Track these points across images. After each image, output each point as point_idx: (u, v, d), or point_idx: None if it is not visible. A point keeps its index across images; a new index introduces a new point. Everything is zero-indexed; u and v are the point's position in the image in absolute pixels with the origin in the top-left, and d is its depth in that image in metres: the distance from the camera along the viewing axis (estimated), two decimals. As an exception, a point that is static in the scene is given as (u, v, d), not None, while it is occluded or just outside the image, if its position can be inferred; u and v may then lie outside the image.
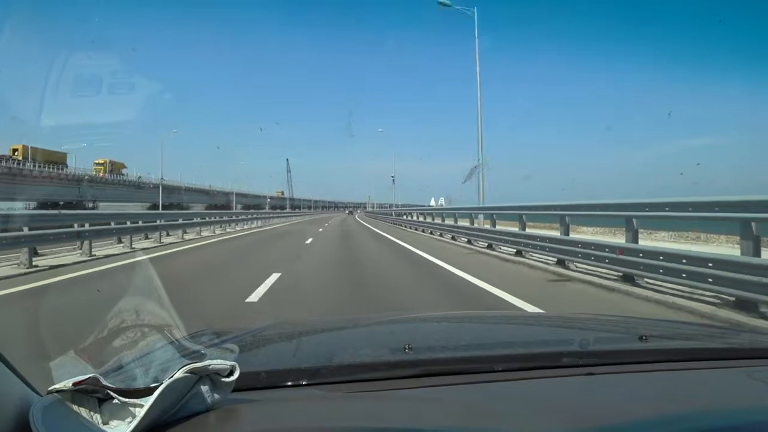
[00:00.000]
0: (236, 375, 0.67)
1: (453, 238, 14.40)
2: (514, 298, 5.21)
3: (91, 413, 0.61)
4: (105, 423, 0.61)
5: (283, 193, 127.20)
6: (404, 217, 28.42)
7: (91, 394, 0.62)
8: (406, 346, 0.96)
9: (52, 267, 8.05)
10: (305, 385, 0.83)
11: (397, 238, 15.98)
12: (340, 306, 5.04)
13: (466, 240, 13.03)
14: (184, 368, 0.63)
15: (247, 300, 5.14)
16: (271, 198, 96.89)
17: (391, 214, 35.50)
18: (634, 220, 6.23)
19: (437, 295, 5.85)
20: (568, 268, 7.35)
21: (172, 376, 0.62)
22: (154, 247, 12.49)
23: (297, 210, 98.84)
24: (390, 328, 1.43)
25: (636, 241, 6.20)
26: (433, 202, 34.42)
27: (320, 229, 22.03)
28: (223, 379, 0.67)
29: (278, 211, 57.21)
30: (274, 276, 6.72)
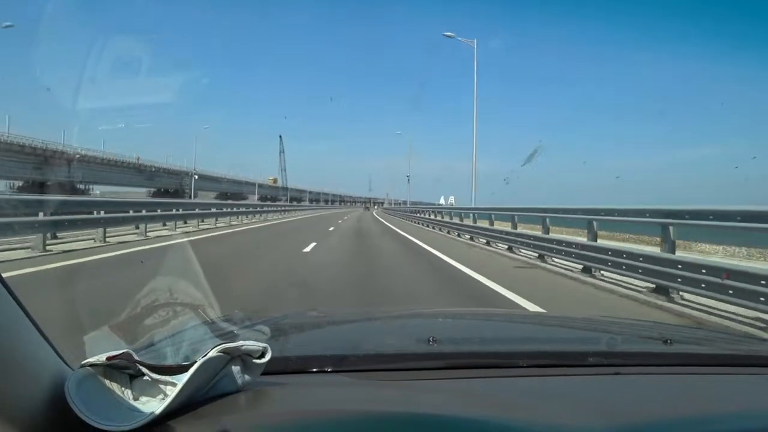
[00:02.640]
0: (268, 357, 0.67)
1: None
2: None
3: (123, 388, 0.61)
4: (135, 399, 0.61)
5: (276, 180, 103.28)
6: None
7: (123, 369, 0.62)
8: (431, 338, 0.97)
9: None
10: (332, 371, 0.84)
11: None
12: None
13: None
14: (217, 348, 0.63)
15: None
16: (260, 186, 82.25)
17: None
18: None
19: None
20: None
21: (205, 355, 0.62)
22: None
23: (298, 203, 76.59)
24: (414, 321, 1.46)
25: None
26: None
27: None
28: (254, 361, 0.67)
29: (267, 204, 41.06)
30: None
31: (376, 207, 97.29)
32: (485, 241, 12.26)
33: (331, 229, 17.61)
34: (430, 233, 17.30)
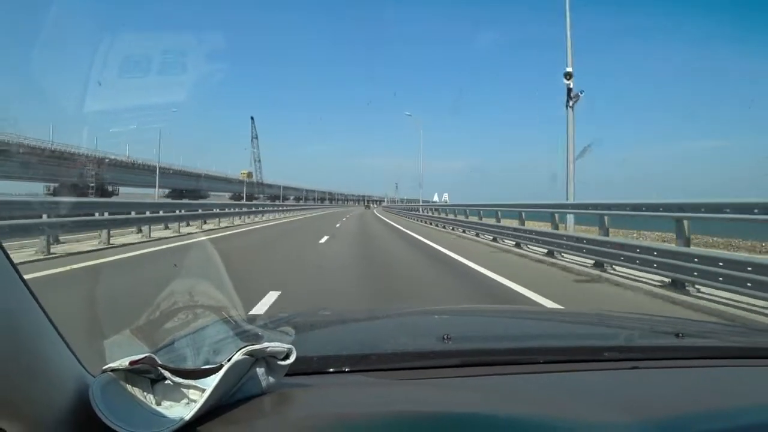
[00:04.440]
0: (292, 359, 0.66)
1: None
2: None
3: (144, 393, 0.60)
4: (158, 404, 0.60)
5: (250, 174, 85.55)
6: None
7: (144, 374, 0.61)
8: (446, 336, 0.97)
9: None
10: (351, 371, 0.84)
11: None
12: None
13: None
14: (242, 350, 0.62)
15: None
16: (228, 180, 70.62)
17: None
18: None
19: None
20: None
21: (230, 358, 0.60)
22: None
23: (282, 203, 57.15)
24: (427, 319, 1.47)
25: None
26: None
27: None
28: (278, 362, 0.66)
29: (227, 204, 27.86)
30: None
31: (375, 205, 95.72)
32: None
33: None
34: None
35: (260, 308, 4.15)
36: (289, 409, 0.68)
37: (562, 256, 8.13)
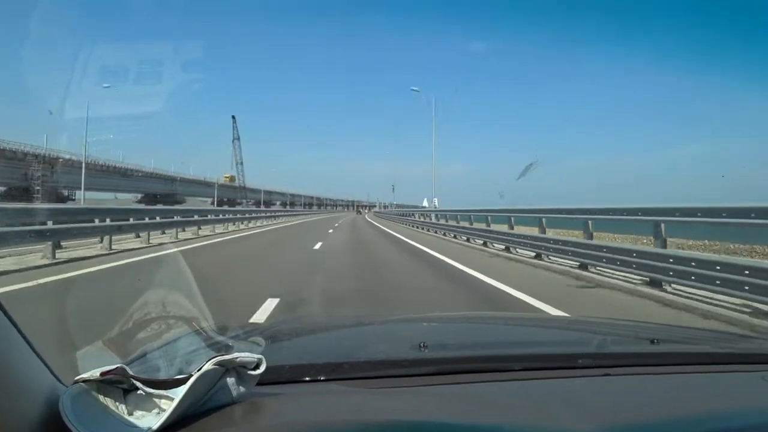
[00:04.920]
0: (262, 368, 0.67)
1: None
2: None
3: (117, 403, 0.61)
4: (130, 414, 0.60)
5: (233, 178, 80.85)
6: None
7: (116, 384, 0.62)
8: (422, 344, 0.97)
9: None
10: (326, 380, 0.84)
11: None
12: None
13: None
14: (212, 360, 0.63)
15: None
16: (206, 184, 64.42)
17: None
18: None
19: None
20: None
21: (200, 369, 0.61)
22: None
23: (267, 209, 48.07)
24: (406, 327, 1.46)
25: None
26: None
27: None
28: (249, 372, 0.67)
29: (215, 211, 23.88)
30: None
31: (367, 210, 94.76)
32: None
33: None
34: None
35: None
36: (259, 417, 0.68)
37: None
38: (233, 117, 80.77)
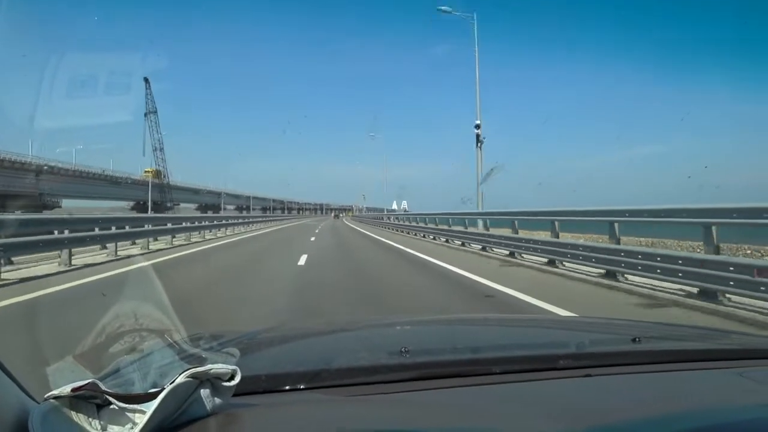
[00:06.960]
0: (237, 379, 0.67)
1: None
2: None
3: (90, 419, 0.60)
4: (103, 429, 0.60)
5: (157, 173, 57.59)
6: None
7: (89, 399, 0.61)
8: (403, 349, 0.96)
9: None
10: (305, 389, 0.82)
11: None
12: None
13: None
14: (185, 373, 0.62)
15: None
16: (117, 182, 47.51)
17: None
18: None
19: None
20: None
21: (173, 381, 0.61)
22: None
23: (216, 214, 39.57)
24: (386, 332, 1.45)
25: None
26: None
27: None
28: (223, 384, 0.67)
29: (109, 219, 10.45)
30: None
31: (343, 214, 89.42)
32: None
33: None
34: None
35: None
36: (235, 429, 0.67)
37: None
38: (146, 79, 48.06)
